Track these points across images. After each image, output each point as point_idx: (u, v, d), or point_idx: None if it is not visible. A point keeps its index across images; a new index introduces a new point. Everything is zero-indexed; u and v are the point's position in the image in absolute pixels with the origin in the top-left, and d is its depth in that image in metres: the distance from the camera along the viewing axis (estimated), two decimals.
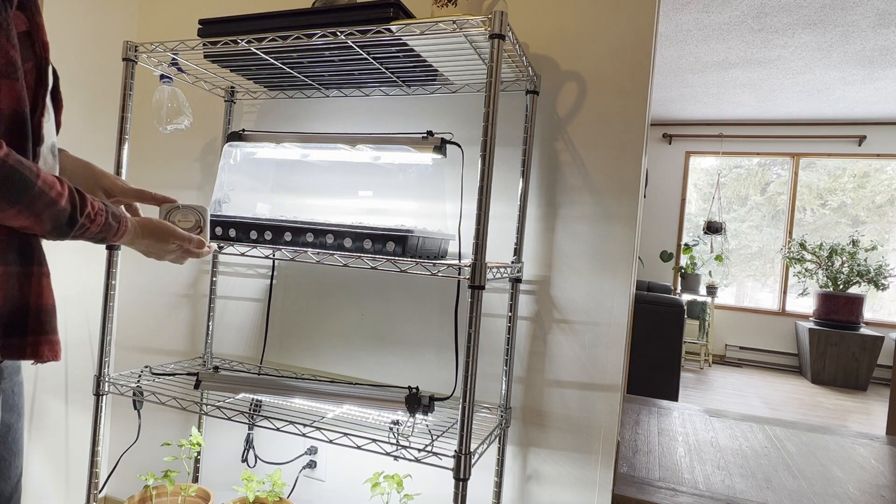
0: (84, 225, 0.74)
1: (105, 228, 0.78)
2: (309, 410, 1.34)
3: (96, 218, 0.76)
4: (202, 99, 1.74)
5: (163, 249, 0.93)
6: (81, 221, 0.73)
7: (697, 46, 3.87)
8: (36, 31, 0.72)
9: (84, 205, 0.73)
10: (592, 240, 1.31)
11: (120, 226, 0.81)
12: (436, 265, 1.04)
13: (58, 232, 0.71)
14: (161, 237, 0.91)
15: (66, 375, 1.72)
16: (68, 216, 0.71)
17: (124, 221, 0.82)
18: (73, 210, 0.71)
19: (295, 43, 1.14)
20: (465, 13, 1.12)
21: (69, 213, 0.71)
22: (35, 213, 0.67)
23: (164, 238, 0.92)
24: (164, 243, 0.92)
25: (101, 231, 0.78)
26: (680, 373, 3.85)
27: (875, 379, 5.15)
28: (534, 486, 1.36)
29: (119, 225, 0.81)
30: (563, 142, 1.34)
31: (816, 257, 5.17)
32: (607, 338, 1.30)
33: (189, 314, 1.77)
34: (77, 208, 0.72)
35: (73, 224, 0.72)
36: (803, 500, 1.67)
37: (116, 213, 0.81)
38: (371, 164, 1.50)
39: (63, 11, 1.59)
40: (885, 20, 3.28)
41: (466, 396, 0.97)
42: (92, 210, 0.75)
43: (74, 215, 0.72)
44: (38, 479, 1.65)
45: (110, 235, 0.80)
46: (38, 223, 0.69)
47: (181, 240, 0.94)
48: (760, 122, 5.61)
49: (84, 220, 0.74)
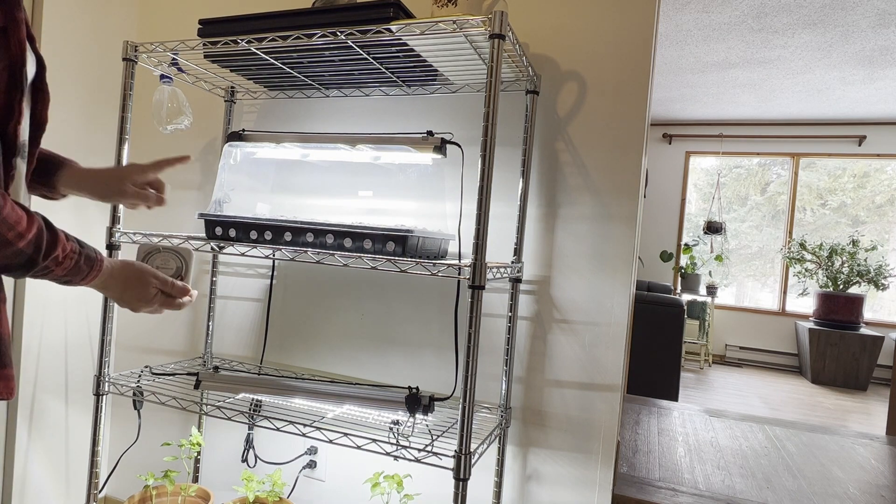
0: (47, 267, 0.69)
1: (73, 272, 0.74)
2: (309, 410, 1.34)
3: (63, 261, 0.71)
4: (202, 99, 1.74)
5: (139, 297, 0.84)
6: (44, 264, 0.69)
7: (697, 46, 3.87)
8: (13, 27, 0.66)
9: (53, 247, 0.69)
10: (592, 240, 1.31)
11: (91, 270, 0.76)
12: (436, 265, 1.04)
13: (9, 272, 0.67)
14: (140, 281, 0.84)
15: (66, 375, 1.72)
16: (26, 259, 0.66)
17: (97, 265, 0.77)
18: (34, 252, 0.67)
19: (295, 43, 1.14)
20: (465, 13, 1.12)
21: (29, 255, 0.66)
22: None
23: (144, 282, 0.84)
24: (143, 288, 0.84)
25: (66, 274, 0.73)
26: (680, 373, 3.85)
27: (875, 379, 5.15)
28: (534, 485, 1.36)
29: (90, 269, 0.76)
30: (563, 142, 1.34)
31: (816, 257, 5.17)
32: (607, 338, 1.30)
33: (189, 314, 1.77)
34: (41, 251, 0.67)
35: (30, 267, 0.67)
36: (803, 500, 1.67)
37: (91, 257, 0.76)
38: (371, 164, 1.50)
39: (63, 11, 1.59)
40: (885, 20, 3.28)
41: (466, 396, 0.97)
42: (62, 253, 0.70)
43: (35, 258, 0.67)
44: (38, 479, 1.65)
45: (77, 279, 0.75)
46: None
47: (163, 284, 0.87)
48: (760, 122, 5.61)
49: (48, 263, 0.69)
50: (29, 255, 0.66)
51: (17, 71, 0.67)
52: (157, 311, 0.89)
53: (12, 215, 0.63)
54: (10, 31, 0.66)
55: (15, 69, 0.67)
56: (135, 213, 1.84)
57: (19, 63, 0.67)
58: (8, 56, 0.66)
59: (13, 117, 0.67)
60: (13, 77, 0.67)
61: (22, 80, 0.68)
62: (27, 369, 1.60)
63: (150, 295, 0.85)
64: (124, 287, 0.83)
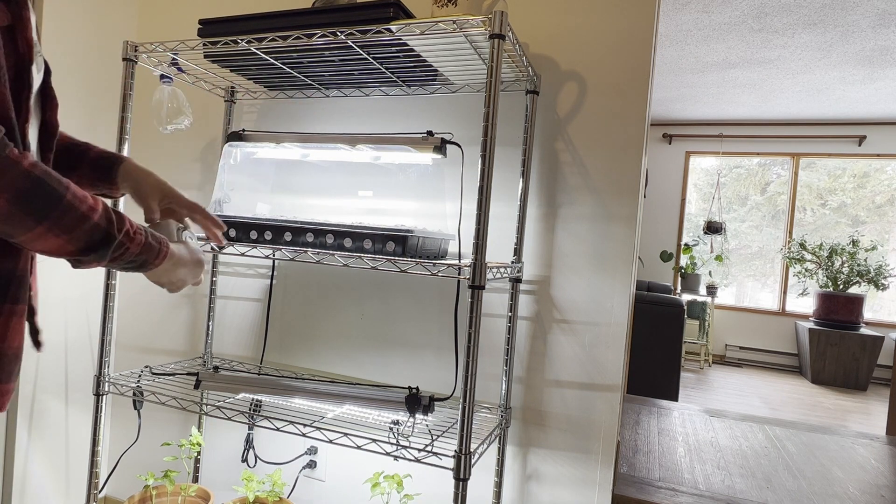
0: (123, 244, 0.65)
1: (146, 249, 0.69)
2: (309, 410, 1.34)
3: (135, 236, 0.67)
4: (202, 99, 1.74)
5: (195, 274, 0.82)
6: (120, 239, 0.64)
7: (697, 46, 3.87)
8: (21, 27, 0.65)
9: (122, 221, 0.65)
10: (592, 240, 1.31)
11: (161, 247, 0.72)
12: (436, 265, 1.04)
13: (93, 252, 0.63)
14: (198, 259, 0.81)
15: (66, 375, 1.72)
16: (104, 233, 0.63)
17: (164, 243, 0.73)
18: (108, 226, 0.63)
19: (295, 43, 1.14)
20: (465, 13, 1.12)
21: (104, 229, 0.63)
22: (66, 229, 0.60)
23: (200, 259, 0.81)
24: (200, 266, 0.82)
25: (141, 252, 0.68)
26: (680, 373, 3.85)
27: (875, 379, 5.15)
28: (534, 485, 1.36)
29: (160, 246, 0.72)
30: (563, 142, 1.34)
31: (816, 257, 5.17)
32: (607, 338, 1.30)
33: (189, 314, 1.77)
34: (114, 224, 0.64)
35: (109, 242, 0.63)
36: (803, 500, 1.67)
37: (156, 234, 0.72)
38: (371, 164, 1.50)
39: (63, 11, 1.59)
40: (885, 20, 3.28)
41: (466, 396, 0.97)
42: (131, 228, 0.66)
43: (111, 232, 0.63)
44: (38, 479, 1.65)
45: (151, 258, 0.71)
46: (69, 242, 0.61)
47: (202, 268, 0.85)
48: (760, 122, 5.61)
49: (123, 238, 0.65)
50: (105, 229, 0.63)
51: (24, 69, 0.66)
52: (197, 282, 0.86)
53: (78, 191, 0.61)
54: (18, 29, 0.65)
55: (22, 67, 0.66)
56: (134, 213, 1.84)
57: (27, 61, 0.66)
58: (15, 53, 0.65)
59: (21, 115, 0.66)
60: (20, 75, 0.66)
61: (30, 79, 0.67)
62: (27, 369, 1.60)
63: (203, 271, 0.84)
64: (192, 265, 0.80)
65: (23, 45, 0.66)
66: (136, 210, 1.84)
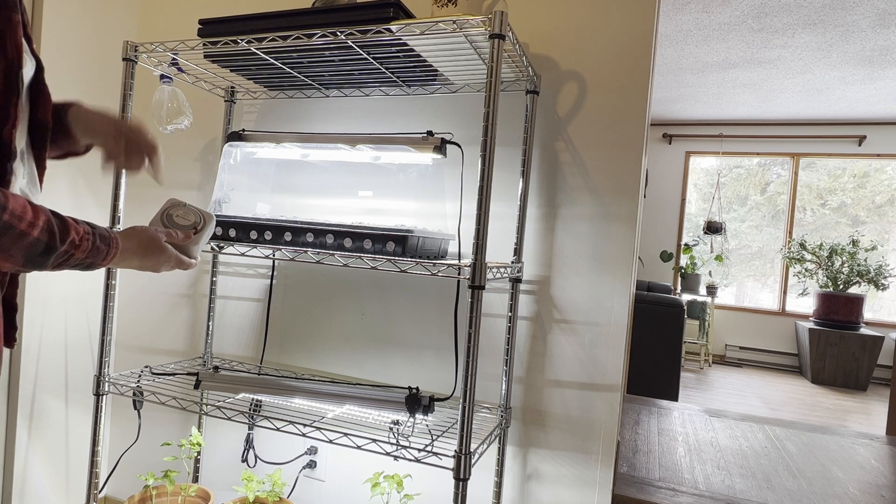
0: (67, 252, 0.68)
1: (93, 253, 0.72)
2: (309, 410, 1.34)
3: (81, 243, 0.70)
4: (202, 99, 1.74)
5: (158, 258, 0.85)
6: (63, 249, 0.67)
7: (697, 46, 3.87)
8: (9, 30, 0.65)
9: (66, 231, 0.67)
10: (592, 240, 1.31)
11: (110, 248, 0.75)
12: (436, 265, 1.04)
13: (33, 264, 0.66)
14: (154, 242, 0.84)
15: (66, 375, 1.72)
16: (44, 246, 0.65)
17: (114, 242, 0.76)
18: (50, 239, 0.65)
19: (295, 43, 1.14)
20: (465, 13, 1.12)
21: (45, 242, 0.65)
22: (3, 249, 0.62)
23: (157, 242, 0.85)
24: (159, 249, 0.85)
25: (88, 256, 0.72)
26: (680, 373, 3.85)
27: (875, 379, 5.15)
28: (534, 485, 1.36)
29: (108, 247, 0.75)
30: (563, 142, 1.34)
31: (816, 257, 5.17)
32: (607, 338, 1.30)
33: (189, 314, 1.77)
34: (56, 236, 0.66)
35: (50, 253, 0.66)
36: (803, 500, 1.67)
37: (105, 235, 0.75)
38: (371, 164, 1.50)
39: (63, 11, 1.59)
40: (885, 20, 3.28)
41: (466, 396, 0.97)
42: (76, 236, 0.69)
43: (53, 244, 0.66)
44: (38, 479, 1.65)
45: (99, 260, 0.74)
46: (7, 260, 0.63)
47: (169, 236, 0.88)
48: (760, 122, 5.61)
49: (67, 247, 0.68)
50: (46, 243, 0.65)
51: (12, 74, 0.66)
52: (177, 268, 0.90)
53: (17, 207, 0.62)
54: (6, 33, 0.65)
55: (11, 72, 0.66)
56: (134, 213, 1.84)
57: (16, 66, 0.66)
58: (4, 59, 0.65)
59: (8, 121, 0.66)
60: (9, 80, 0.66)
61: (18, 84, 0.67)
62: (27, 369, 1.60)
63: (168, 252, 0.87)
64: (143, 253, 0.83)
65: (11, 49, 0.66)
66: (137, 211, 1.84)
